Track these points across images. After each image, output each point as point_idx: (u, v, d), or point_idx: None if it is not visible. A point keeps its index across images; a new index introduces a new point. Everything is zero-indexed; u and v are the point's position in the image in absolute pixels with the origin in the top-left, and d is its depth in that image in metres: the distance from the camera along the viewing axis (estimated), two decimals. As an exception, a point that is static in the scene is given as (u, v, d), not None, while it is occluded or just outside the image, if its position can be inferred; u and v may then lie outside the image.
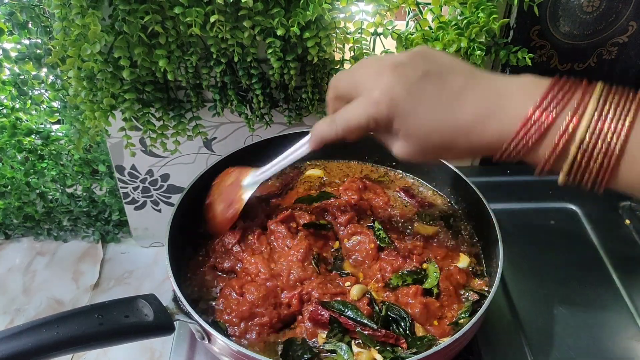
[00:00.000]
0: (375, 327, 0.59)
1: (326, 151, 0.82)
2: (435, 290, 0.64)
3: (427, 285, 0.64)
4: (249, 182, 0.70)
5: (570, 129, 0.41)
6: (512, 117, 0.44)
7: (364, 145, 0.84)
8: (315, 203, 0.77)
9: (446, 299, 0.64)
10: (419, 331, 0.60)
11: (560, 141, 0.41)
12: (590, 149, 0.41)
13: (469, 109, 0.45)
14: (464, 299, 0.65)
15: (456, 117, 0.45)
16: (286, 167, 0.67)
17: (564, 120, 0.41)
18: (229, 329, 0.61)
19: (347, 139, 0.53)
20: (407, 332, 0.60)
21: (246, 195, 0.69)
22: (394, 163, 0.86)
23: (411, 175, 0.85)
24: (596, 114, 0.41)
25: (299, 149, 0.63)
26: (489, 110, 0.45)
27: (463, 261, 0.69)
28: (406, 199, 0.81)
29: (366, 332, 0.59)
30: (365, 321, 0.59)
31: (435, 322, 0.62)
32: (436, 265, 0.66)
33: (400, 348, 0.58)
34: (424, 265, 0.67)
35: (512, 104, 0.44)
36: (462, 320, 0.62)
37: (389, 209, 0.77)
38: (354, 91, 0.50)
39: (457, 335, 0.55)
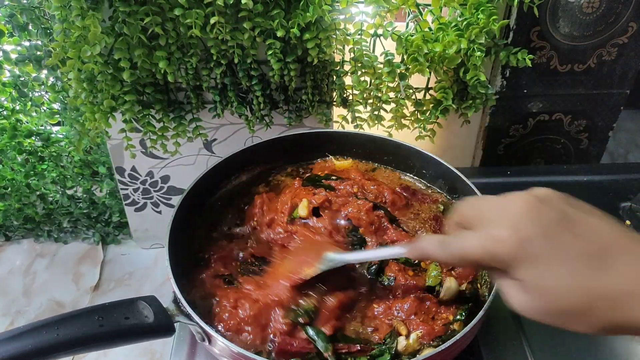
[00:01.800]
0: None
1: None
2: (437, 288, 0.64)
3: (430, 283, 0.65)
4: (334, 258, 0.63)
5: None
6: None
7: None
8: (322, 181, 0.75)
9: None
10: (403, 331, 0.60)
11: None
12: None
13: (623, 275, 0.36)
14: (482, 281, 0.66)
15: (601, 280, 0.37)
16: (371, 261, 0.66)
17: None
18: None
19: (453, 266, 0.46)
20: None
21: (322, 267, 0.63)
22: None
23: (410, 175, 0.85)
24: None
25: (394, 251, 0.59)
26: None
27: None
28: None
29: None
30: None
31: (420, 319, 0.62)
32: (437, 264, 0.66)
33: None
34: (423, 264, 0.67)
35: None
36: (456, 323, 0.62)
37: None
38: (478, 219, 0.43)
39: (457, 337, 0.55)
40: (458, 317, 0.62)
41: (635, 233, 0.39)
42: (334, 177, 0.77)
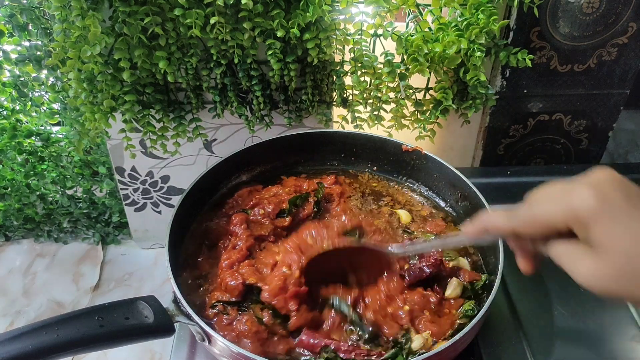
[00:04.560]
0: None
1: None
2: (451, 297, 0.65)
3: (449, 295, 0.65)
4: (396, 249, 0.65)
5: None
6: None
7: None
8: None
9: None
10: (412, 334, 0.60)
11: None
12: None
13: None
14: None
15: None
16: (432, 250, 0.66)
17: None
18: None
19: (520, 237, 0.45)
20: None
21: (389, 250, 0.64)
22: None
23: (408, 177, 0.85)
24: None
25: (458, 238, 0.60)
26: None
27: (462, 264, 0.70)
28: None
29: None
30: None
31: (428, 313, 0.62)
32: (460, 279, 0.67)
33: None
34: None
35: None
36: (461, 320, 0.62)
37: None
38: (550, 193, 0.42)
39: (457, 337, 0.55)
40: (463, 314, 0.63)
41: None
42: None
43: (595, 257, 0.38)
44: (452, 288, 0.65)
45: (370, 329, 0.60)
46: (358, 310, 0.63)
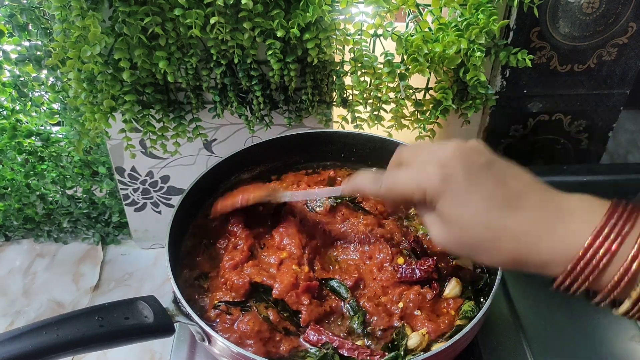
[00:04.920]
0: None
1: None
2: (450, 297, 0.65)
3: (447, 294, 0.65)
4: (284, 193, 0.72)
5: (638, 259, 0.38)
6: (574, 236, 0.41)
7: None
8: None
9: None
10: (408, 331, 0.60)
11: (629, 270, 0.39)
12: None
13: (525, 215, 0.42)
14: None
15: (509, 219, 0.42)
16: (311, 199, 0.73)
17: (628, 250, 0.39)
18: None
19: (383, 201, 0.51)
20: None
21: (268, 196, 0.70)
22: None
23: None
24: None
25: (333, 190, 0.67)
26: (548, 224, 0.42)
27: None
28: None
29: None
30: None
31: (422, 311, 0.62)
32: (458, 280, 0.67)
33: None
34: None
35: (573, 224, 0.41)
36: (461, 321, 0.62)
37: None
38: (412, 160, 0.48)
39: (457, 337, 0.55)
40: (463, 315, 0.63)
41: (542, 183, 0.45)
42: None
43: (442, 225, 0.45)
44: (451, 287, 0.65)
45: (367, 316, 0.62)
46: (356, 294, 0.65)
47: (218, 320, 0.61)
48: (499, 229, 0.43)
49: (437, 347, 0.56)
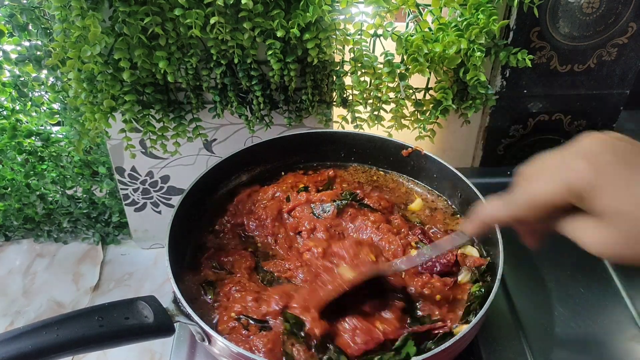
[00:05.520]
0: None
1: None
2: (462, 282, 0.67)
3: (461, 281, 0.67)
4: (396, 264, 0.63)
5: None
6: None
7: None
8: None
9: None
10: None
11: None
12: None
13: None
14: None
15: None
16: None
17: None
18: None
19: (522, 222, 0.44)
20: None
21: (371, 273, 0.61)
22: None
23: (406, 177, 0.85)
24: None
25: (457, 240, 0.57)
26: None
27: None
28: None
29: None
30: None
31: (438, 297, 0.64)
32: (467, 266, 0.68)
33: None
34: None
35: None
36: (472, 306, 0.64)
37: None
38: (543, 168, 0.42)
39: (457, 337, 0.55)
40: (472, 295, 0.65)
41: None
42: None
43: (603, 226, 0.38)
44: (463, 275, 0.68)
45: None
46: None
47: (232, 333, 0.60)
48: None
49: (437, 348, 0.56)
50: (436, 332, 0.60)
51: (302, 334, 0.58)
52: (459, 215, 0.78)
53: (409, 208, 0.80)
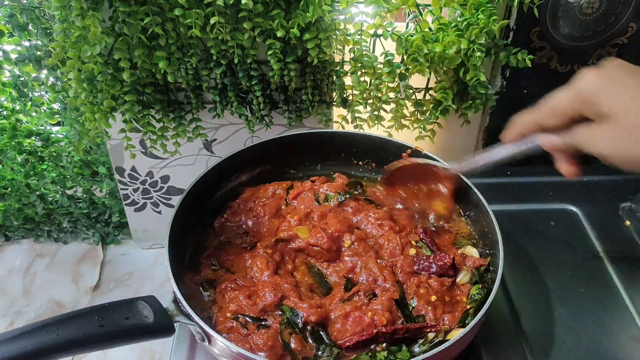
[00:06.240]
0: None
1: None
2: (461, 283, 0.67)
3: (460, 282, 0.67)
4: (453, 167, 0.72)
5: None
6: None
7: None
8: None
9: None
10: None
11: None
12: None
13: None
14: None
15: None
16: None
17: None
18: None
19: (548, 126, 0.51)
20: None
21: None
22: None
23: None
24: None
25: (502, 149, 0.64)
26: None
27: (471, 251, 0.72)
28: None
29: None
30: None
31: (434, 298, 0.64)
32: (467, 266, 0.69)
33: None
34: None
35: None
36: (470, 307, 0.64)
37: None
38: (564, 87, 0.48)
39: (457, 337, 0.55)
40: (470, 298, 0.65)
41: None
42: None
43: (609, 126, 0.42)
44: (462, 276, 0.68)
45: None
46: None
47: (231, 332, 0.61)
48: None
49: (436, 348, 0.56)
50: (427, 330, 0.60)
51: (299, 322, 0.61)
52: (458, 215, 0.78)
53: None
